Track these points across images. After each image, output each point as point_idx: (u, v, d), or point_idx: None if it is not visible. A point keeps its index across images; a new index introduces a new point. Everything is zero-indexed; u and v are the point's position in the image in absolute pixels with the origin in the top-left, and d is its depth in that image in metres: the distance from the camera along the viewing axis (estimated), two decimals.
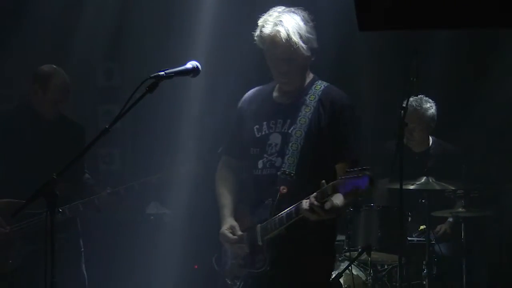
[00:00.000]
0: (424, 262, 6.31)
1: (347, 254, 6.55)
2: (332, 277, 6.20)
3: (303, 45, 4.46)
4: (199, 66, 4.31)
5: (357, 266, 6.57)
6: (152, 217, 7.41)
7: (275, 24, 4.45)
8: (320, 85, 4.64)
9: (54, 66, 6.01)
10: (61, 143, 5.74)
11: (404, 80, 6.17)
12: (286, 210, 4.34)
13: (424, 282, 6.32)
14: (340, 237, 6.76)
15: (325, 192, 4.15)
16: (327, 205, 4.19)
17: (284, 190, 4.41)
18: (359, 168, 4.03)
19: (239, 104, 4.82)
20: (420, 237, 6.51)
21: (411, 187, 6.26)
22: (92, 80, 7.68)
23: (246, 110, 4.73)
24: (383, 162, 6.73)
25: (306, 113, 4.52)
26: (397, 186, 5.96)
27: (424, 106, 6.81)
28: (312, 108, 4.53)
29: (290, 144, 4.48)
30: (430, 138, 7.01)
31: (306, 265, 4.47)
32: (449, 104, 7.25)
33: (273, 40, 4.46)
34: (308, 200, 4.19)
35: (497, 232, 7.18)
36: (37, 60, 6.64)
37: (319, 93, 4.58)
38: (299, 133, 4.49)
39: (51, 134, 5.89)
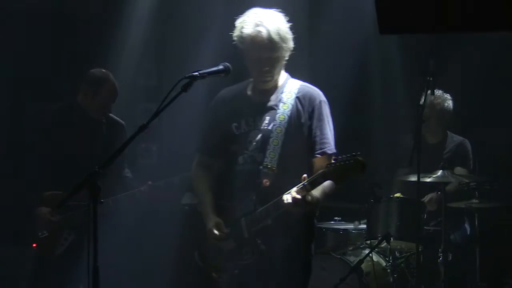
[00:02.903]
0: (440, 250, 6.27)
1: (368, 242, 6.55)
2: (354, 263, 6.21)
3: (283, 44, 4.44)
4: (230, 67, 4.33)
5: (377, 253, 6.55)
6: (186, 207, 7.40)
7: (256, 25, 4.41)
8: (295, 83, 4.61)
9: (104, 71, 6.05)
10: (105, 139, 5.76)
11: (421, 78, 6.17)
12: (269, 203, 4.32)
13: (440, 269, 6.28)
14: (362, 226, 6.79)
15: (314, 181, 4.14)
16: (308, 198, 4.18)
17: (267, 183, 4.39)
18: (349, 155, 4.04)
19: (212, 104, 4.76)
20: (436, 227, 6.48)
21: (428, 180, 6.22)
22: (131, 80, 7.68)
23: (221, 110, 4.67)
24: (401, 155, 6.72)
25: (284, 110, 4.49)
26: (415, 178, 5.96)
27: (441, 97, 6.77)
28: (290, 105, 4.50)
29: (271, 140, 4.44)
30: (447, 132, 6.97)
31: (290, 252, 4.45)
32: (467, 101, 7.18)
33: (254, 40, 4.42)
34: (289, 194, 4.17)
35: (509, 222, 7.12)
36: (84, 61, 6.69)
37: (295, 91, 4.55)
38: (279, 129, 4.45)
39: (96, 131, 5.92)
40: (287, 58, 4.56)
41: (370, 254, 6.30)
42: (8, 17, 7.35)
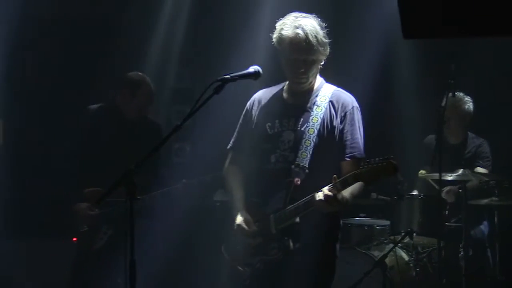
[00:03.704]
0: (460, 245, 6.24)
1: (392, 237, 6.55)
2: (378, 258, 6.19)
3: (319, 47, 4.42)
4: (260, 70, 4.32)
5: (401, 248, 6.54)
6: (218, 203, 7.41)
7: (295, 27, 4.39)
8: (330, 88, 4.58)
9: (141, 74, 6.07)
10: (141, 140, 5.78)
11: (443, 81, 6.15)
12: (299, 201, 4.29)
13: (461, 263, 6.24)
14: (386, 222, 6.78)
15: (345, 181, 4.12)
16: (339, 197, 4.16)
17: (298, 182, 4.35)
18: (382, 158, 4.03)
19: (248, 104, 4.74)
20: (458, 223, 6.44)
21: (449, 178, 6.20)
22: (166, 83, 7.71)
23: (257, 110, 4.65)
24: (424, 155, 6.70)
25: (317, 113, 4.46)
26: (437, 177, 5.95)
27: (462, 99, 6.73)
28: (323, 108, 4.46)
29: (303, 141, 4.41)
30: (468, 133, 6.93)
31: (315, 251, 4.41)
32: (487, 103, 7.14)
33: (292, 42, 4.39)
34: (321, 192, 4.15)
35: None
36: (122, 64, 6.73)
37: (329, 95, 4.52)
38: (312, 130, 4.42)
39: (133, 131, 5.94)
40: (322, 63, 4.54)
41: (394, 249, 6.28)
42: (52, 23, 7.41)
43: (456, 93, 6.37)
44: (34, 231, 7.05)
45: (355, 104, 4.54)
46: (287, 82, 4.66)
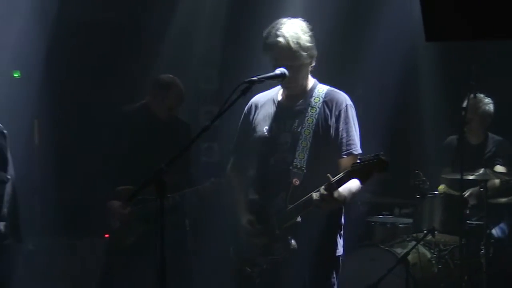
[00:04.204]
0: (481, 243, 6.21)
1: (414, 235, 6.52)
2: (401, 255, 6.17)
3: (302, 53, 4.38)
4: (286, 72, 4.32)
5: (423, 245, 6.51)
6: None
7: (277, 35, 4.37)
8: (323, 88, 4.55)
9: (172, 76, 6.10)
10: (171, 139, 5.80)
11: (464, 83, 6.12)
12: (299, 201, 4.28)
13: (482, 261, 6.22)
14: (408, 221, 6.76)
15: (340, 179, 4.09)
16: (336, 194, 4.13)
17: (297, 183, 4.33)
18: (373, 154, 4.01)
19: (246, 109, 4.71)
20: (479, 221, 6.41)
21: (471, 177, 6.17)
22: (195, 84, 7.74)
23: (254, 114, 4.63)
24: (445, 155, 6.68)
25: (312, 113, 4.44)
26: (458, 176, 5.92)
27: (483, 101, 6.71)
28: (318, 109, 4.44)
29: (300, 142, 4.39)
30: (488, 133, 6.89)
31: (319, 248, 4.40)
32: (508, 104, 7.09)
33: (275, 50, 4.38)
34: (318, 191, 4.14)
35: None
36: (153, 66, 6.76)
37: (323, 95, 4.49)
38: (308, 131, 4.40)
39: (164, 131, 5.96)
40: (313, 64, 4.51)
41: (416, 247, 6.26)
42: (86, 26, 7.46)
43: (477, 95, 6.35)
44: (69, 229, 7.09)
45: (349, 102, 4.51)
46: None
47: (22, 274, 6.22)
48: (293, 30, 4.39)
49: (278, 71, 4.31)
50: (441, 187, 6.65)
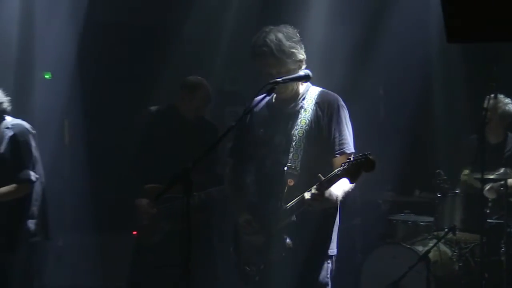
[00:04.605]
0: (502, 241, 6.16)
1: (435, 233, 6.49)
2: (422, 253, 6.14)
3: (286, 59, 4.36)
4: (310, 73, 4.31)
5: (444, 244, 6.47)
6: None
7: (260, 45, 4.35)
8: (315, 90, 4.52)
9: (200, 78, 6.12)
10: (198, 138, 5.81)
11: (485, 84, 6.08)
12: (293, 201, 4.28)
13: (502, 259, 6.17)
14: (429, 219, 6.72)
15: (330, 179, 4.08)
16: (327, 193, 4.12)
17: (291, 183, 4.32)
18: (361, 154, 4.01)
19: (242, 113, 4.59)
20: (499, 220, 6.36)
21: (491, 176, 6.13)
22: (220, 86, 7.75)
23: (250, 118, 4.61)
24: (466, 154, 6.64)
25: (305, 115, 4.42)
26: (479, 175, 5.88)
27: (503, 101, 6.66)
28: (310, 110, 4.42)
29: (294, 143, 4.38)
30: (508, 133, 6.84)
31: (313, 246, 4.39)
32: None
33: (261, 59, 4.37)
34: (309, 191, 4.13)
35: None
36: (181, 67, 6.78)
37: (315, 97, 4.47)
38: (301, 132, 4.39)
39: (191, 131, 5.98)
40: (303, 67, 4.45)
41: (437, 245, 6.23)
42: (116, 28, 7.50)
43: (497, 95, 6.30)
44: (98, 226, 7.13)
45: (341, 102, 4.49)
46: None
47: (53, 269, 6.27)
48: (277, 37, 4.37)
49: (302, 72, 4.31)
50: (465, 172, 6.58)
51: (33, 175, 5.46)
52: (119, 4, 7.56)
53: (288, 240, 4.35)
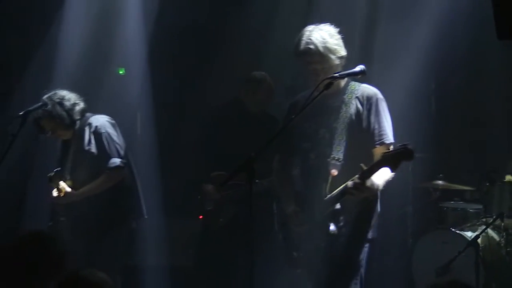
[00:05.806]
0: None
1: (484, 219, 6.41)
2: (471, 238, 6.07)
3: (330, 56, 4.40)
4: (365, 68, 4.31)
5: (492, 229, 6.37)
6: None
7: (306, 43, 4.40)
8: (355, 85, 4.54)
9: (263, 73, 6.17)
10: (261, 131, 5.83)
11: None
12: (336, 190, 4.30)
13: None
14: (478, 206, 6.64)
15: (371, 169, 4.11)
16: (368, 182, 4.15)
17: (335, 174, 4.35)
18: (400, 144, 4.04)
19: (287, 108, 4.76)
20: None
21: None
22: (280, 81, 7.74)
23: (295, 113, 4.53)
24: None
25: (347, 109, 4.45)
26: None
27: None
28: (351, 104, 4.46)
29: (336, 136, 4.42)
30: None
31: (355, 233, 4.43)
32: None
33: (305, 56, 4.42)
34: (352, 180, 4.16)
35: None
36: (245, 63, 6.81)
37: (355, 92, 4.50)
38: (343, 126, 4.42)
39: (254, 124, 6.02)
40: (343, 64, 4.50)
41: (486, 230, 6.15)
42: (183, 29, 7.55)
43: None
44: (168, 210, 7.20)
45: (379, 96, 4.51)
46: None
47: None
48: (321, 35, 4.42)
49: (358, 68, 4.33)
50: (509, 177, 6.52)
51: (120, 161, 5.45)
52: (186, 5, 7.61)
53: (332, 227, 4.37)
